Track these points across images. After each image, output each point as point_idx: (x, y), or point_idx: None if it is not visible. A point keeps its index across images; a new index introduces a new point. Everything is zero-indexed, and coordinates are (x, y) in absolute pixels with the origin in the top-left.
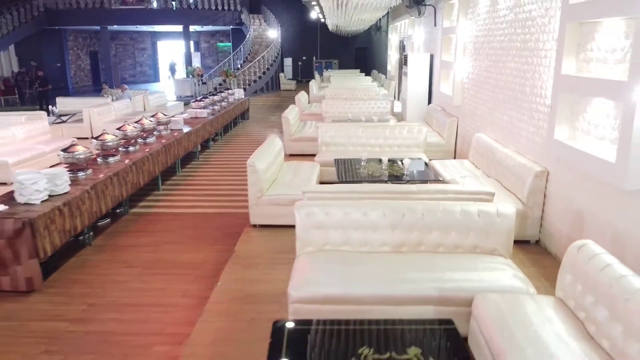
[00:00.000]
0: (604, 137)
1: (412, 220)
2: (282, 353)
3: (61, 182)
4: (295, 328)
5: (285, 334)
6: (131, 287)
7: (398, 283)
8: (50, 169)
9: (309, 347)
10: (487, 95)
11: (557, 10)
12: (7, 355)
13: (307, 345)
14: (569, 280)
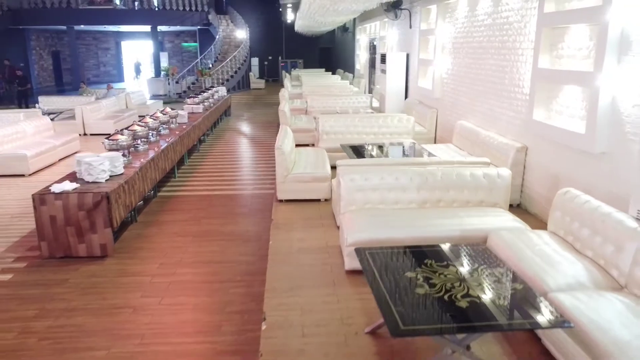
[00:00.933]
0: (574, 115)
1: (433, 182)
2: (371, 265)
3: (118, 164)
4: (372, 251)
5: (367, 255)
6: (191, 251)
7: (427, 227)
8: (108, 153)
9: (385, 262)
10: (468, 88)
11: (532, 17)
12: (113, 300)
13: (383, 261)
14: (558, 215)
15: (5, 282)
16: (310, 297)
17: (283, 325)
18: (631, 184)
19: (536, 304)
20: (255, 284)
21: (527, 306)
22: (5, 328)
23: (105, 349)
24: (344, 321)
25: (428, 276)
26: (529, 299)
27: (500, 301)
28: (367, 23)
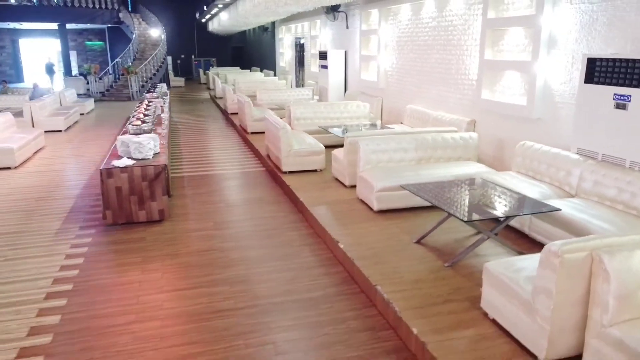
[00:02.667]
0: (515, 93)
1: (425, 145)
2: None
3: (157, 143)
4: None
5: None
6: (232, 212)
7: (428, 175)
8: (149, 135)
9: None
10: (414, 78)
11: (474, 21)
12: (197, 247)
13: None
14: (520, 160)
15: (90, 243)
16: (360, 228)
17: (353, 243)
18: (565, 135)
19: (533, 204)
20: (303, 229)
21: (531, 205)
22: (131, 269)
23: (220, 274)
24: (392, 238)
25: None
26: (529, 202)
27: (512, 202)
28: (293, 23)
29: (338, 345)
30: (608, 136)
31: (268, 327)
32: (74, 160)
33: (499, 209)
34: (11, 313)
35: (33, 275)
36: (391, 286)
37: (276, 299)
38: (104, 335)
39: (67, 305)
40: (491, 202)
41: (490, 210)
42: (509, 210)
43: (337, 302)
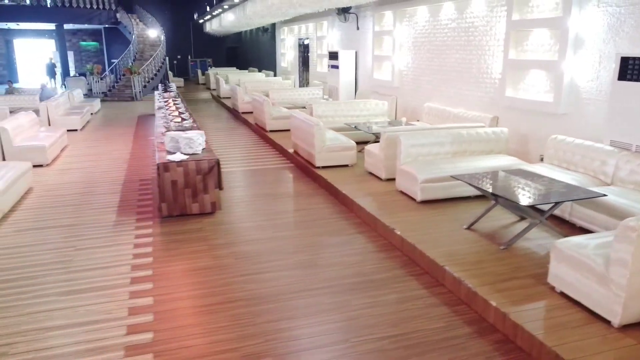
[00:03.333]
0: (540, 90)
1: (460, 139)
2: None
3: (203, 139)
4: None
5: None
6: (276, 204)
7: (465, 167)
8: (197, 131)
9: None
10: (431, 77)
11: (497, 23)
12: (258, 235)
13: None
14: (552, 152)
15: (152, 233)
16: (408, 217)
17: (407, 230)
18: (591, 128)
19: (580, 190)
20: (350, 218)
21: (578, 191)
22: (201, 256)
23: (286, 259)
24: (441, 225)
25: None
26: (574, 189)
27: (559, 189)
28: (295, 24)
29: (420, 319)
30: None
31: (350, 304)
32: (101, 157)
33: (552, 195)
34: (105, 296)
35: (110, 263)
36: (456, 266)
37: (348, 280)
38: (200, 314)
39: (154, 288)
40: (540, 189)
41: (543, 195)
42: (560, 196)
43: (406, 282)
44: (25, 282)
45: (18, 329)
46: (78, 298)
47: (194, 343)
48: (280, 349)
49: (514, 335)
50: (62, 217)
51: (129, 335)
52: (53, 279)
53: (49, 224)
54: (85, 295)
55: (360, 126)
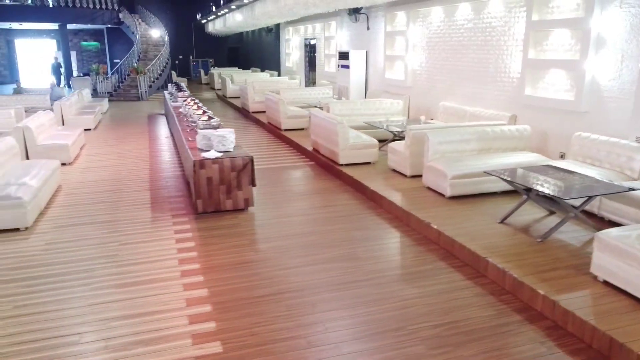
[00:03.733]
0: (560, 89)
1: (485, 136)
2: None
3: (234, 137)
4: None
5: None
6: (305, 201)
7: (492, 163)
8: (228, 129)
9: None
10: (446, 77)
11: (515, 23)
12: (283, 232)
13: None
14: (577, 148)
15: (190, 229)
16: (440, 212)
17: (442, 224)
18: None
19: (613, 185)
20: (382, 214)
21: (609, 186)
22: (244, 250)
23: (327, 253)
24: (474, 219)
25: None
26: (604, 184)
27: (592, 184)
28: (301, 25)
29: (470, 307)
30: None
31: (399, 294)
32: (121, 156)
33: (587, 189)
34: (159, 288)
35: (157, 257)
36: (498, 258)
37: (391, 272)
38: (255, 305)
39: (205, 280)
40: (574, 184)
41: (579, 190)
42: (595, 190)
43: (448, 273)
44: (78, 275)
45: (83, 320)
46: (133, 290)
47: (257, 331)
48: (343, 336)
49: (564, 321)
50: (97, 213)
51: (191, 324)
52: (104, 272)
53: (86, 220)
54: (139, 288)
55: (384, 125)
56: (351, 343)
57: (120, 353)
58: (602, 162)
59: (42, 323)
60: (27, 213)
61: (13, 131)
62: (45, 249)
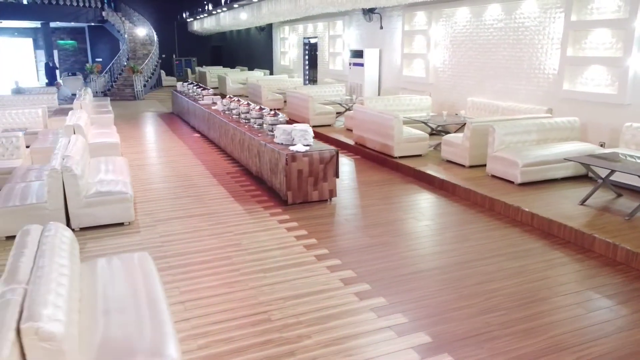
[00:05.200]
0: (600, 84)
1: (543, 128)
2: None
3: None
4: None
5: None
6: (379, 191)
7: (555, 152)
8: (305, 124)
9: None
10: (473, 73)
11: (551, 23)
12: (381, 218)
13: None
14: (629, 137)
15: (291, 219)
16: (519, 197)
17: (531, 206)
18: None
19: None
20: (460, 201)
21: None
22: (352, 236)
23: (438, 234)
24: (554, 202)
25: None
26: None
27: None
28: (300, 24)
29: (598, 276)
30: None
31: (529, 267)
32: (165, 153)
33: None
34: (305, 271)
35: (280, 244)
36: (603, 234)
37: (509, 250)
38: (410, 281)
39: (344, 263)
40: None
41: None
42: None
43: (558, 249)
44: (220, 262)
45: (258, 300)
46: (282, 274)
47: (430, 303)
48: (507, 303)
49: None
50: (189, 207)
51: (363, 300)
52: (242, 259)
53: (182, 213)
54: (287, 271)
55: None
56: (519, 309)
57: (317, 327)
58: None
59: (222, 305)
60: (131, 207)
61: (65, 130)
62: (165, 241)
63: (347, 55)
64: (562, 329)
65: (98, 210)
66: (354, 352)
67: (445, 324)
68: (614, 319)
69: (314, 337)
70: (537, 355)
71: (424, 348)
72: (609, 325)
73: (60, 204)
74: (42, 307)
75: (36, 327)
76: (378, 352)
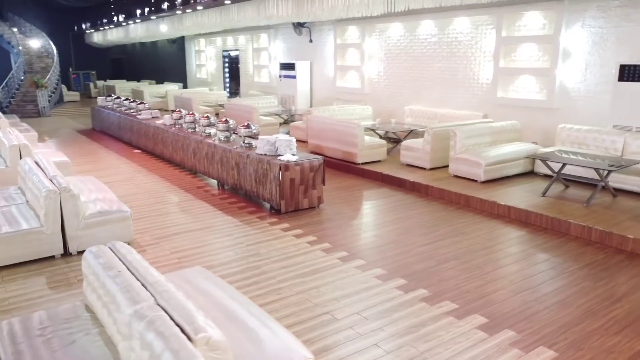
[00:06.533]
0: (531, 91)
1: (494, 131)
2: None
3: None
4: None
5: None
6: (355, 194)
7: (509, 152)
8: (286, 135)
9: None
10: (409, 84)
11: (483, 38)
12: (378, 219)
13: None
14: (564, 137)
15: (293, 226)
16: (489, 192)
17: (507, 201)
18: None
19: (621, 159)
20: (432, 200)
21: (620, 160)
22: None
23: (435, 230)
24: (521, 196)
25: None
26: (614, 159)
27: (609, 159)
28: (218, 36)
29: (586, 254)
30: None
31: (525, 256)
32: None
33: (618, 162)
34: (339, 272)
35: (298, 251)
36: (575, 219)
37: (498, 240)
38: (442, 271)
39: (368, 263)
40: (602, 160)
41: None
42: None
43: (541, 235)
44: (252, 272)
45: (312, 303)
46: (321, 276)
47: (468, 289)
48: (529, 283)
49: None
50: (183, 222)
51: (407, 293)
52: (273, 267)
53: (181, 229)
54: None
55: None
56: (543, 286)
57: (383, 320)
58: (589, 146)
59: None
60: (131, 226)
61: (9, 151)
62: (182, 257)
63: (274, 67)
64: (585, 298)
65: (97, 231)
66: (430, 338)
67: (492, 305)
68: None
69: (386, 329)
70: (577, 321)
71: (486, 327)
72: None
73: (58, 227)
74: (197, 319)
75: (207, 337)
76: (450, 334)
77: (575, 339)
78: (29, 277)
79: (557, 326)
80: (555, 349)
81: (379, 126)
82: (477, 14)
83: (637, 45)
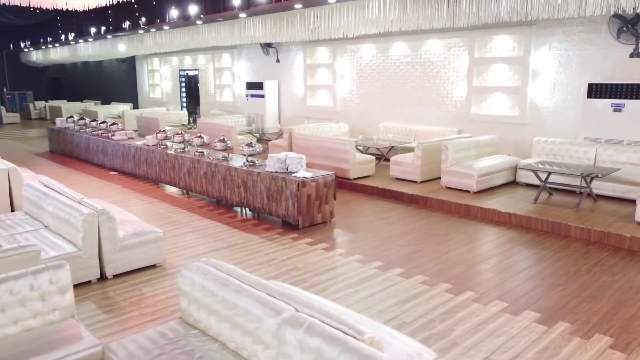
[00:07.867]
0: (503, 107)
1: (478, 145)
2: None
3: None
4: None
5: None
6: (357, 207)
7: (494, 163)
8: (293, 152)
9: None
10: (383, 102)
11: (455, 59)
12: (397, 230)
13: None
14: (540, 147)
15: (318, 240)
16: (483, 201)
17: (506, 209)
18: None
19: (600, 168)
20: (432, 212)
21: (600, 168)
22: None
23: (445, 236)
24: (515, 203)
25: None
26: (593, 167)
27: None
28: (175, 55)
29: (592, 253)
30: (608, 127)
31: (541, 257)
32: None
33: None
34: (385, 280)
35: (335, 263)
36: (573, 222)
37: (511, 244)
38: (474, 276)
39: (407, 270)
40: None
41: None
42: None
43: (544, 238)
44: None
45: (374, 310)
46: (370, 285)
47: (509, 288)
48: (558, 279)
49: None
50: (206, 242)
51: (457, 296)
52: (317, 280)
53: (205, 249)
54: (370, 283)
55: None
56: (569, 281)
57: (449, 321)
58: (563, 157)
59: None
60: (163, 247)
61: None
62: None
63: (238, 87)
64: (610, 290)
65: (132, 253)
66: (499, 334)
67: (538, 299)
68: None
69: (456, 329)
70: (614, 310)
71: (541, 320)
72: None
73: (95, 251)
74: (348, 321)
75: (372, 337)
76: (515, 329)
77: (621, 325)
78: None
79: (600, 316)
80: (609, 335)
81: (361, 142)
82: (449, 37)
83: (599, 66)
